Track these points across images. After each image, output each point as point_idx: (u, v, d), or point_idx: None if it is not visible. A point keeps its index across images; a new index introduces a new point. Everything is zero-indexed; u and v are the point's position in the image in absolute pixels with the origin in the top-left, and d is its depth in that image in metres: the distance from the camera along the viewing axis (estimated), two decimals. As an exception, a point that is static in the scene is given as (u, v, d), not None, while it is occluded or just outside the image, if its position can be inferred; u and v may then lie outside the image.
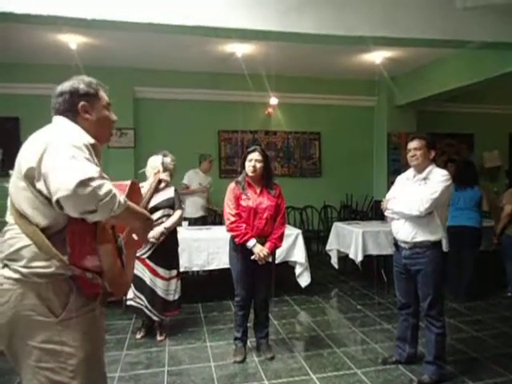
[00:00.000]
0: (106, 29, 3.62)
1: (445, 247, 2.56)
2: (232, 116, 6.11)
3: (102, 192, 1.13)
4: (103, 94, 1.45)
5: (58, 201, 1.12)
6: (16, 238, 1.23)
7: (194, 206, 5.13)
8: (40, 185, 1.17)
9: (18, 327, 1.21)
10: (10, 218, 1.27)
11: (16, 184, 1.25)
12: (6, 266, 1.24)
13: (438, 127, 6.74)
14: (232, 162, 6.34)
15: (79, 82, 1.39)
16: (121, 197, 1.20)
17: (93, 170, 1.16)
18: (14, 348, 1.24)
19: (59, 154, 1.16)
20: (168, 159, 3.22)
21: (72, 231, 1.20)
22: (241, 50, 4.85)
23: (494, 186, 6.19)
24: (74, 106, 1.36)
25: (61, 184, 1.10)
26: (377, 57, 5.20)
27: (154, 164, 3.15)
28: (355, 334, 3.41)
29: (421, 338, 2.81)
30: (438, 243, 2.53)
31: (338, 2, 3.31)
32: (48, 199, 1.19)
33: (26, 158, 1.22)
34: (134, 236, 1.46)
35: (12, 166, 1.31)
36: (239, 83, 5.71)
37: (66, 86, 1.38)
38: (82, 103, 1.36)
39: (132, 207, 1.28)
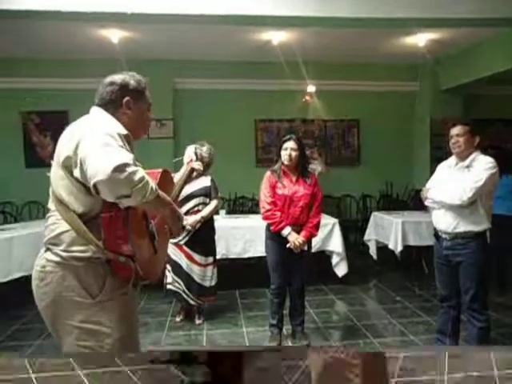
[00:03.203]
0: (144, 22, 3.73)
1: (489, 238, 2.43)
2: (269, 105, 6.09)
3: (137, 178, 1.18)
4: (148, 95, 1.51)
5: (95, 185, 1.17)
6: (57, 223, 1.31)
7: None
8: (76, 172, 1.24)
9: (59, 306, 1.31)
10: (51, 204, 1.36)
11: (55, 172, 1.33)
12: (48, 249, 1.33)
13: (487, 112, 6.33)
14: (269, 150, 6.33)
15: (130, 78, 1.45)
16: (152, 183, 1.25)
17: (127, 156, 1.21)
18: (56, 326, 1.34)
19: (94, 141, 1.21)
20: (204, 148, 3.28)
21: (106, 217, 1.27)
22: (277, 37, 4.80)
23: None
24: (119, 99, 1.41)
25: (98, 169, 1.15)
26: (419, 39, 4.95)
27: (190, 153, 3.22)
28: (393, 326, 3.35)
29: (463, 332, 2.71)
30: (481, 234, 2.41)
31: (377, -17, 3.19)
32: (84, 186, 1.25)
33: (63, 147, 1.30)
34: (164, 222, 1.51)
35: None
36: (276, 71, 5.67)
37: (117, 77, 1.44)
38: (127, 98, 1.42)
39: (161, 195, 1.32)
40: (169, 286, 3.36)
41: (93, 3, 3.02)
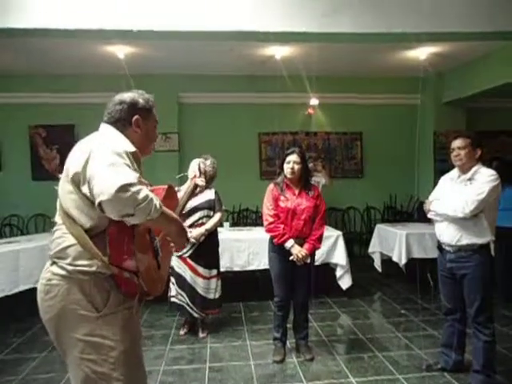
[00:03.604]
0: (150, 39, 3.82)
1: (493, 251, 2.43)
2: (272, 118, 6.13)
3: (140, 197, 1.21)
4: (155, 113, 1.55)
5: (100, 204, 1.21)
6: (63, 237, 1.34)
7: None
8: (85, 189, 1.27)
9: (64, 320, 1.32)
10: (58, 218, 1.38)
11: (64, 187, 1.36)
12: (54, 263, 1.36)
13: (490, 124, 6.35)
14: (273, 163, 6.37)
15: (139, 96, 1.49)
16: (157, 201, 1.27)
17: (132, 176, 1.24)
18: (61, 339, 1.35)
19: (102, 160, 1.25)
20: (208, 162, 3.32)
21: (112, 233, 1.29)
22: (280, 52, 4.88)
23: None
24: (128, 117, 1.45)
25: (103, 188, 1.19)
26: (421, 53, 5.01)
27: (194, 167, 3.27)
28: (398, 339, 3.32)
29: (469, 346, 2.68)
30: (485, 246, 2.41)
31: (377, -1, 3.25)
32: (92, 202, 1.28)
33: (72, 163, 1.33)
34: (169, 239, 1.54)
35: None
36: (279, 85, 5.73)
37: (126, 96, 1.48)
38: (136, 117, 1.46)
39: (166, 212, 1.35)
40: (173, 299, 3.37)
41: (98, 21, 3.09)
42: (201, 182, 2.74)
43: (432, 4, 3.21)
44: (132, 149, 1.38)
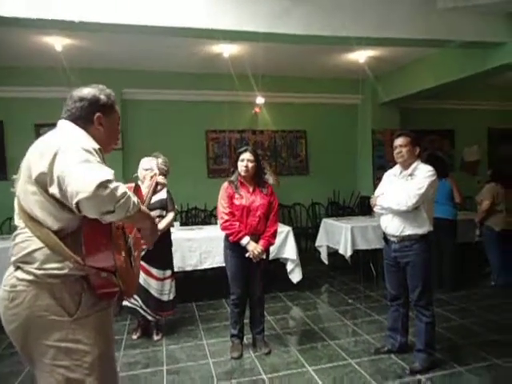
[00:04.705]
0: (93, 31, 3.62)
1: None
2: (219, 116, 6.14)
3: (119, 193, 1.17)
4: (117, 108, 1.48)
5: (77, 203, 1.14)
6: (28, 240, 1.26)
7: None
8: (53, 189, 1.20)
9: (32, 327, 1.25)
10: (19, 221, 1.29)
11: (25, 188, 1.27)
12: (18, 268, 1.27)
13: (421, 124, 6.91)
14: (220, 161, 6.37)
15: (100, 92, 1.41)
16: (134, 198, 1.24)
17: (109, 172, 1.20)
18: (28, 348, 1.27)
19: (73, 158, 1.18)
20: (160, 160, 3.25)
21: (87, 232, 1.23)
22: (228, 50, 4.88)
23: (476, 179, 6.38)
24: (90, 115, 1.38)
25: (80, 187, 1.13)
26: (361, 56, 5.31)
27: (146, 165, 3.18)
28: (347, 327, 3.51)
29: (411, 328, 2.92)
30: (425, 236, 2.64)
31: (324, 3, 3.39)
32: (60, 203, 1.22)
33: (35, 163, 1.24)
34: (140, 237, 1.50)
35: (1, 171, 1.32)
36: (226, 83, 5.75)
37: (87, 92, 1.40)
38: (98, 114, 1.39)
39: (142, 209, 1.32)
40: (124, 303, 3.24)
41: (38, 10, 2.88)
42: (162, 179, 2.69)
43: (374, 11, 3.43)
44: (97, 146, 1.32)
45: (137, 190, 1.49)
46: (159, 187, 2.80)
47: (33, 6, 2.88)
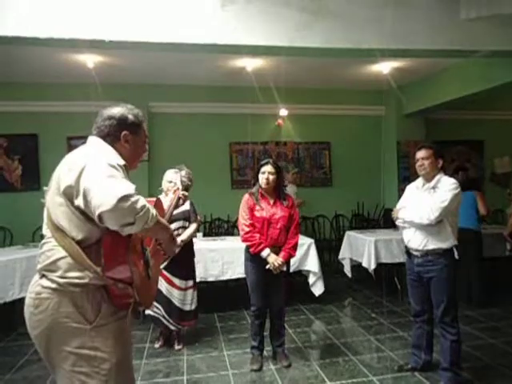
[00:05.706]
0: (122, 49, 3.78)
1: (456, 254, 2.59)
2: (243, 128, 6.23)
3: (139, 206, 1.23)
4: (145, 127, 1.55)
5: (100, 215, 1.21)
6: (53, 249, 1.33)
7: None
8: (79, 201, 1.27)
9: (54, 333, 1.31)
10: (46, 231, 1.37)
11: (54, 199, 1.35)
12: (43, 276, 1.34)
13: (448, 135, 6.76)
14: (243, 173, 6.44)
15: (128, 112, 1.48)
16: (153, 210, 1.30)
17: (130, 187, 1.27)
18: (50, 353, 1.33)
19: (99, 172, 1.26)
20: (183, 173, 3.32)
21: (107, 244, 1.30)
22: (251, 64, 4.98)
23: (507, 191, 6.15)
24: (117, 133, 1.45)
25: (103, 200, 1.20)
26: (384, 67, 5.28)
27: (170, 178, 3.27)
28: (370, 342, 3.44)
29: (436, 346, 2.83)
30: (449, 251, 2.57)
31: (346, 16, 3.41)
32: (84, 214, 1.29)
33: (64, 176, 1.32)
34: (159, 249, 1.55)
35: (31, 181, 1.41)
36: (249, 96, 5.84)
37: (115, 111, 1.47)
38: (125, 132, 1.46)
39: (161, 221, 1.38)
40: (147, 312, 3.32)
41: (71, 30, 3.05)
42: (183, 194, 2.78)
43: (396, 23, 3.42)
44: (122, 162, 1.39)
45: (158, 204, 1.54)
46: (181, 201, 2.86)
47: (66, 27, 3.04)
